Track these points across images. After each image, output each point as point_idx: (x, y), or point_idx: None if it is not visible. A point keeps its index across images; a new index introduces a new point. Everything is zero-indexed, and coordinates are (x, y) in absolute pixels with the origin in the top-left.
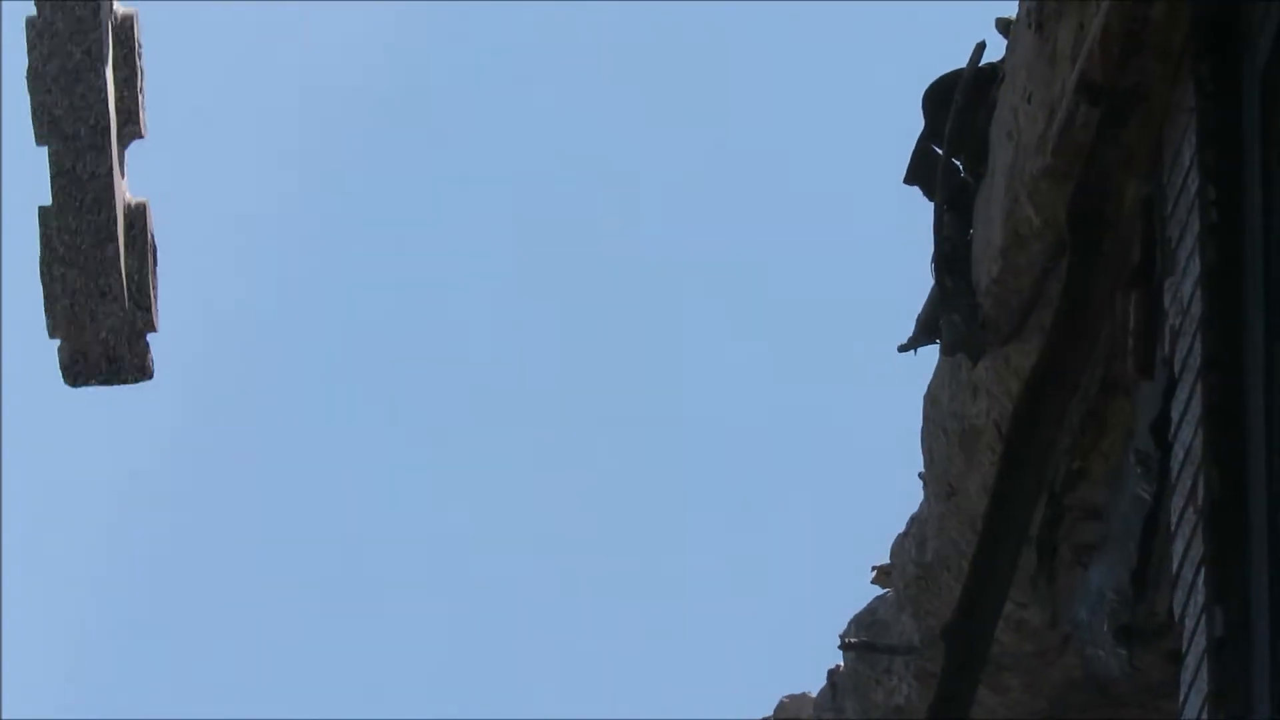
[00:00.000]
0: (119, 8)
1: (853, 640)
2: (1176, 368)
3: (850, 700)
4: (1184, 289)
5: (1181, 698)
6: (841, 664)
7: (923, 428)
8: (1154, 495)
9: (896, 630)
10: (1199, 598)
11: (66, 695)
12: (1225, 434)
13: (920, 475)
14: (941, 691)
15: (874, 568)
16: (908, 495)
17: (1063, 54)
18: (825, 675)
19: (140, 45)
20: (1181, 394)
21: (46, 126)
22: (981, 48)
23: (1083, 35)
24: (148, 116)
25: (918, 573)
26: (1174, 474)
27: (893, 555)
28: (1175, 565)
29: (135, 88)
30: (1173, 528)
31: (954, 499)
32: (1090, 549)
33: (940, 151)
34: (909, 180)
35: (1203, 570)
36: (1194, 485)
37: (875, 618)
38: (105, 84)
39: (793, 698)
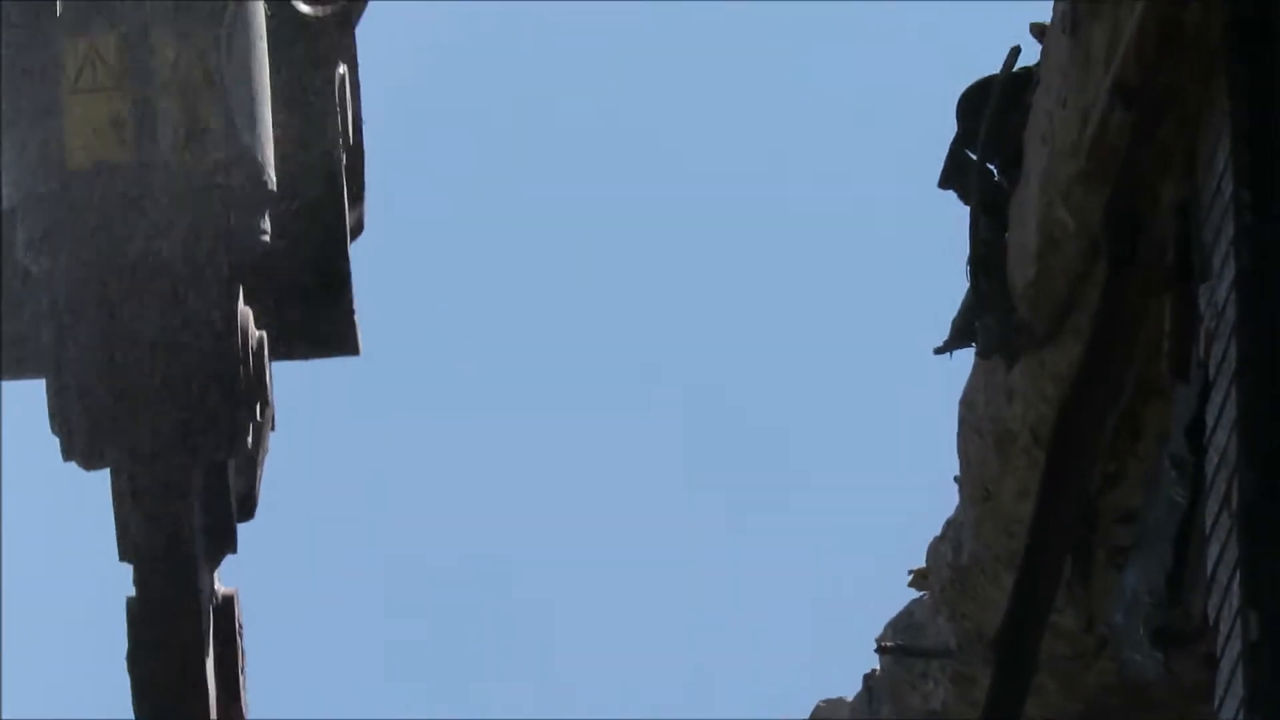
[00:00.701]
0: (220, 588)
1: (889, 644)
2: (1211, 371)
3: (886, 704)
4: (1219, 292)
5: (1217, 701)
6: (878, 668)
7: (958, 431)
8: (1189, 499)
9: (933, 633)
10: (1234, 601)
11: (67, 695)
12: (1260, 437)
13: (956, 479)
14: (991, 700)
15: (910, 571)
16: (943, 499)
17: (1096, 58)
18: (861, 680)
19: (241, 626)
20: (1216, 397)
21: (149, 716)
22: (1016, 52)
23: (1116, 39)
24: (250, 697)
25: (953, 576)
26: (1209, 477)
27: (929, 558)
28: (1210, 569)
29: (236, 669)
30: (1207, 531)
31: (989, 502)
32: (1125, 552)
33: (974, 156)
34: (943, 184)
35: (1237, 574)
36: (1228, 489)
37: (911, 621)
38: (206, 673)
39: (829, 702)
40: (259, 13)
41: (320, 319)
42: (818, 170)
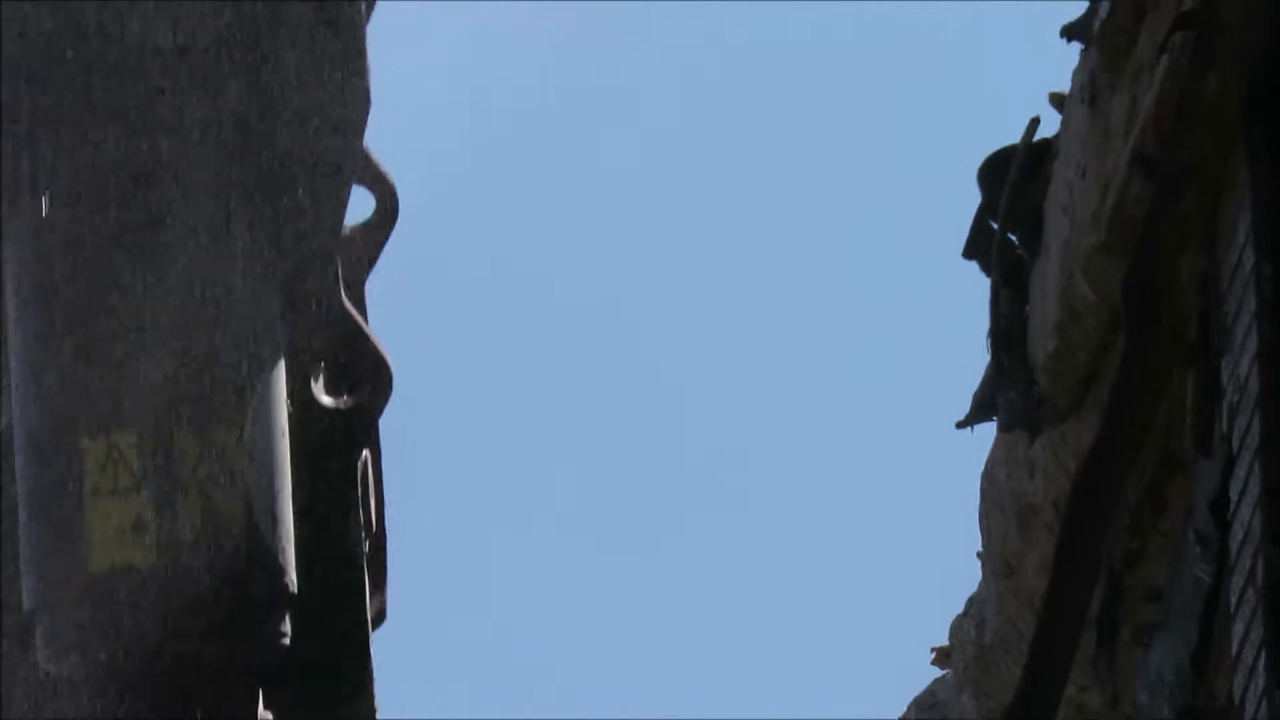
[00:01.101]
0: None
1: None
2: (1234, 445)
3: None
4: (1241, 365)
5: None
6: None
7: (980, 506)
8: (1214, 575)
9: (957, 712)
10: (1259, 681)
11: None
12: None
13: (978, 554)
14: None
15: (933, 649)
16: (967, 575)
17: (1116, 129)
18: None
19: None
20: (1240, 472)
21: None
22: (1035, 123)
23: (1136, 109)
24: None
25: (977, 653)
26: (1233, 554)
27: (952, 636)
28: (1235, 647)
29: None
30: (1232, 609)
31: (1012, 578)
32: (1150, 629)
33: (996, 226)
34: (968, 255)
35: (1263, 653)
36: (1254, 566)
37: (935, 699)
38: None
39: None
40: (281, 408)
41: (342, 715)
42: (840, 240)
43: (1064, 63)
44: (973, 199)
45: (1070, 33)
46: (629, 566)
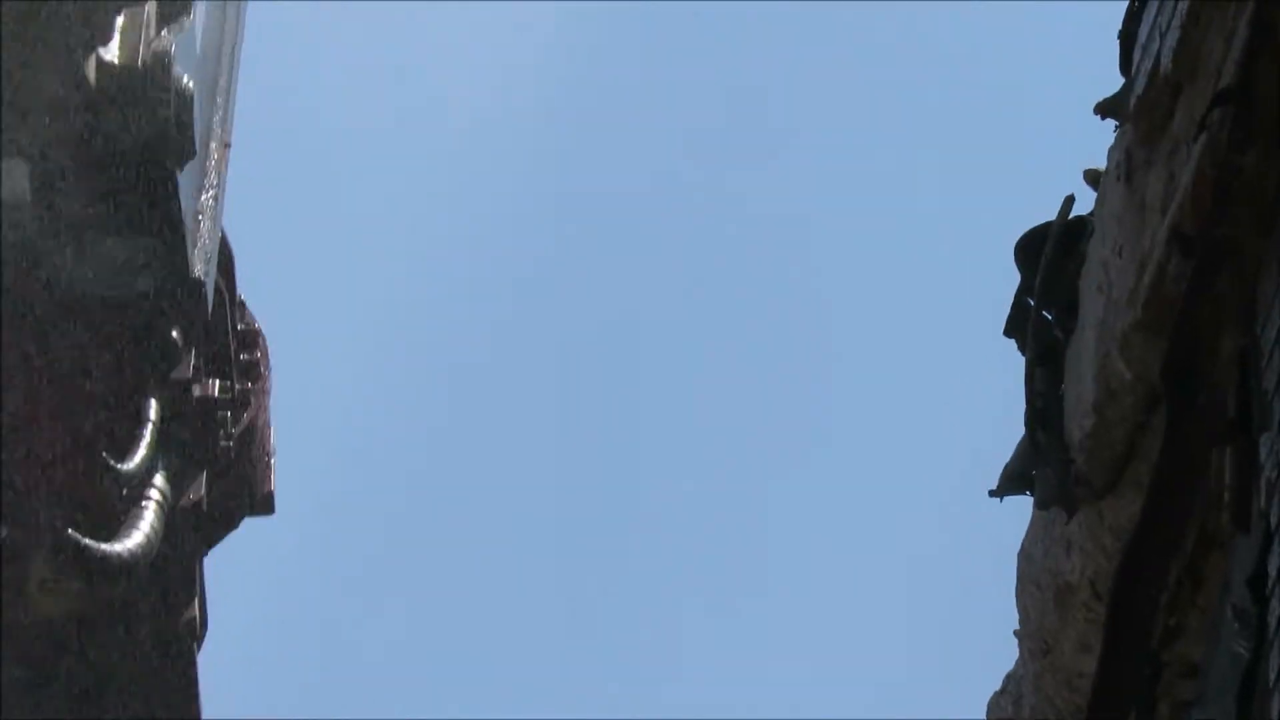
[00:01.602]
0: None
1: None
2: (1272, 521)
3: None
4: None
5: None
6: None
7: (1017, 584)
8: (1252, 651)
9: None
10: None
11: None
12: None
13: (1015, 632)
14: None
15: None
16: (1003, 652)
17: (1153, 205)
18: None
19: None
20: (1278, 548)
21: None
22: (1070, 201)
23: (1173, 186)
24: None
25: None
26: (1271, 629)
27: (989, 712)
28: None
29: None
30: (1271, 684)
31: (1049, 656)
32: (1188, 706)
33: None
34: (1008, 332)
35: None
36: None
37: None
38: None
39: None
40: None
41: None
42: (878, 316)
43: (1099, 141)
44: (1009, 275)
45: (1104, 109)
46: (629, 566)
